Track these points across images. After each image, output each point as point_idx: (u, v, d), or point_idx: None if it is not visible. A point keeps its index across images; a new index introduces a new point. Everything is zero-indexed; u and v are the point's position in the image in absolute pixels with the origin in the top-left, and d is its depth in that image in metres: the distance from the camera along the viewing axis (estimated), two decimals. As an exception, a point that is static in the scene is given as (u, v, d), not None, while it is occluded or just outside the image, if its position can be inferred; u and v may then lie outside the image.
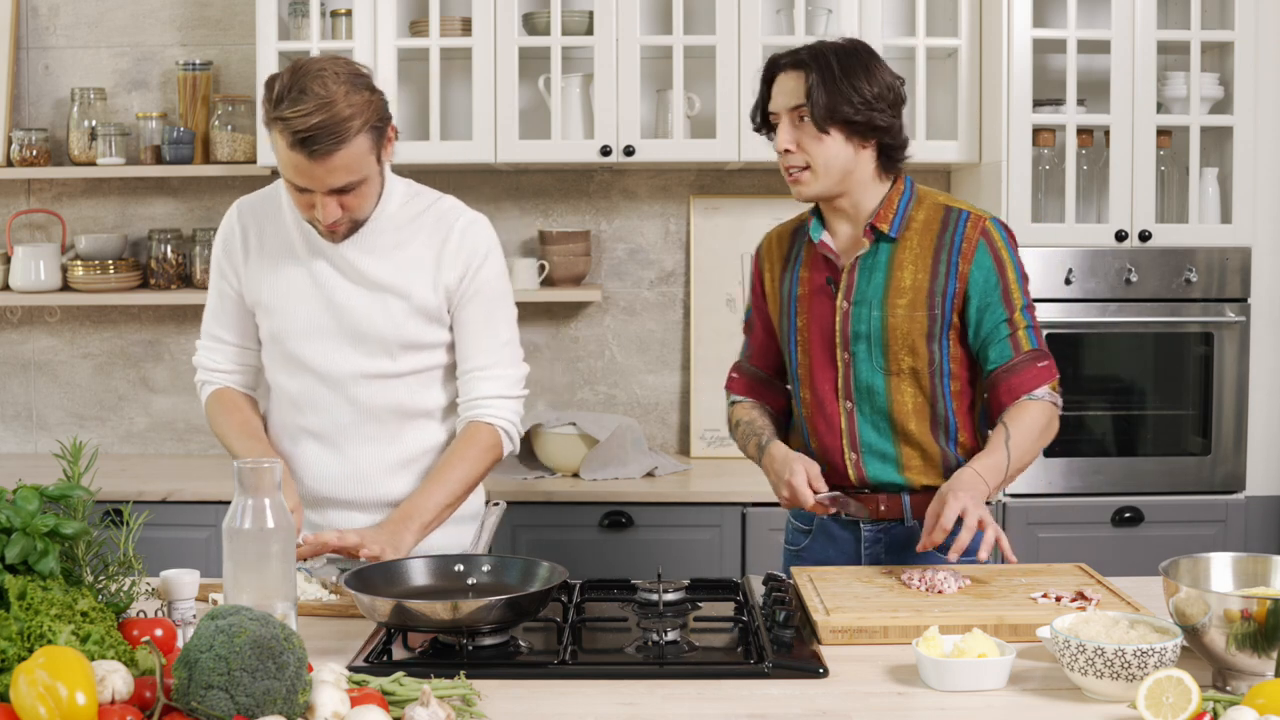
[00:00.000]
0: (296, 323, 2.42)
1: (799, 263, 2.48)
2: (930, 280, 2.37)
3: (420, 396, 2.46)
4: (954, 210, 2.41)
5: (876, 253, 2.40)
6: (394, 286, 2.39)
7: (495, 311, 2.46)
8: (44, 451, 4.08)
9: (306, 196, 2.28)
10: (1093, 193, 3.71)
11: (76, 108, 3.89)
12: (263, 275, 2.44)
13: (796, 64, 2.36)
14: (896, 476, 2.42)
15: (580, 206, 4.05)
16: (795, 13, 3.68)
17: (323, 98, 2.18)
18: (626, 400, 4.07)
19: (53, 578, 1.72)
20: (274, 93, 2.21)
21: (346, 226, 2.35)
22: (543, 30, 3.71)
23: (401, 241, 2.41)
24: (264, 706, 1.51)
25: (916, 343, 2.38)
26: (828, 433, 2.43)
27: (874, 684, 1.83)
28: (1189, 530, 3.60)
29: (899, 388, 2.39)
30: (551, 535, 3.54)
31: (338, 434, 2.44)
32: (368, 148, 2.26)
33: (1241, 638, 1.71)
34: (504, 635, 1.97)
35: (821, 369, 2.43)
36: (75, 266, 3.85)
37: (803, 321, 2.45)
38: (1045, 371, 2.36)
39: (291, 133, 2.18)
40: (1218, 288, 3.61)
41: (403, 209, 2.43)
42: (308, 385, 2.44)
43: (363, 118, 2.22)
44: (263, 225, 2.46)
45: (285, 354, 2.45)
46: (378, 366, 2.42)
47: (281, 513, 1.88)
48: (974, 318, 2.38)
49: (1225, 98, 3.66)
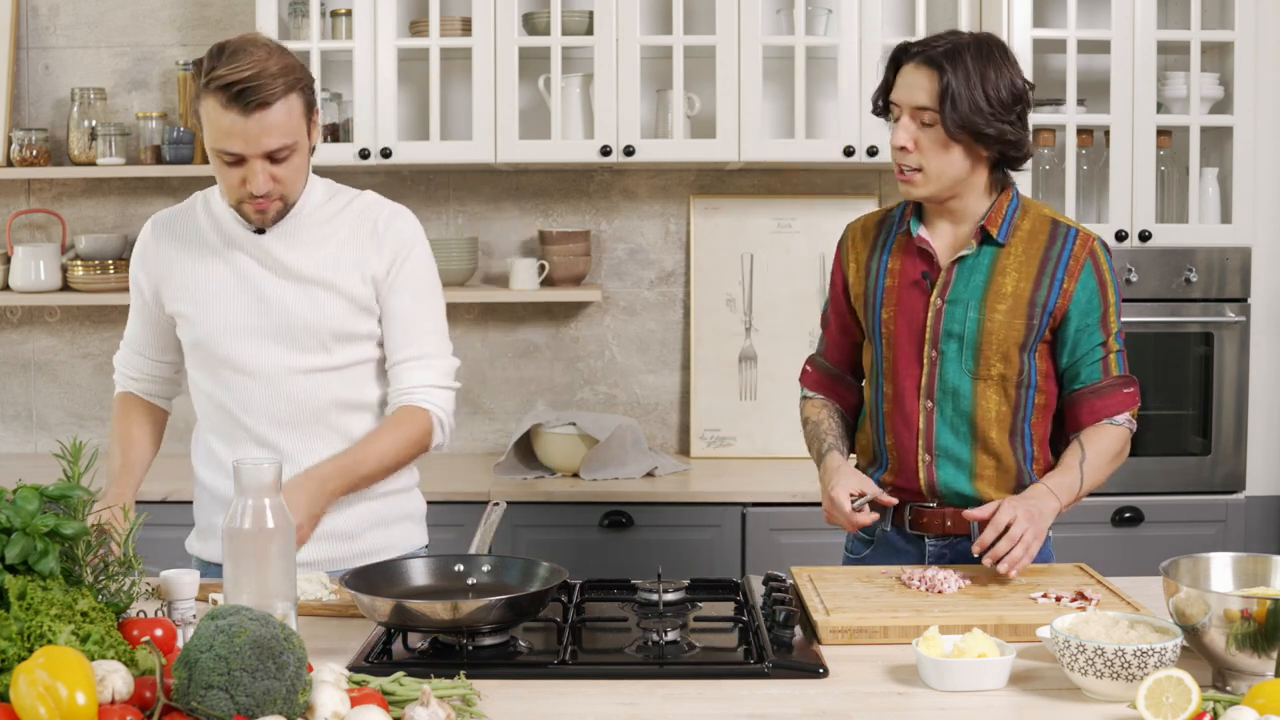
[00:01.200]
0: (223, 324, 2.39)
1: (887, 252, 2.43)
2: (1032, 290, 2.34)
3: (358, 389, 2.43)
4: (1061, 225, 2.38)
5: (979, 255, 2.36)
6: (322, 279, 2.38)
7: (423, 301, 2.44)
8: (44, 451, 4.08)
9: (238, 171, 2.27)
10: (1093, 193, 3.71)
11: (76, 108, 3.89)
12: (182, 283, 2.41)
13: (930, 61, 2.27)
14: (968, 485, 2.38)
15: (580, 206, 4.05)
16: (795, 13, 3.68)
17: (254, 56, 2.22)
18: (626, 400, 4.07)
19: (53, 578, 1.72)
20: (205, 65, 2.24)
21: (277, 205, 2.33)
22: (543, 30, 3.71)
23: (326, 235, 2.40)
24: (264, 706, 1.51)
25: (1010, 350, 2.34)
26: (905, 431, 2.40)
27: (874, 684, 1.83)
28: (1189, 530, 3.60)
29: (984, 393, 2.36)
30: (551, 535, 3.54)
31: (276, 434, 2.40)
32: (300, 110, 2.27)
33: (1241, 638, 1.71)
34: (504, 635, 1.97)
35: (906, 365, 2.39)
36: (75, 266, 3.85)
37: (889, 314, 2.41)
38: (1130, 398, 2.38)
39: (225, 88, 2.19)
40: (1218, 288, 3.61)
41: (325, 204, 2.43)
42: (240, 387, 2.40)
43: (294, 76, 2.25)
44: (178, 234, 2.44)
45: (214, 358, 2.41)
46: (313, 361, 2.39)
47: (281, 513, 1.88)
48: (1071, 337, 2.36)
49: (1225, 98, 3.66)
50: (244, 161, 2.26)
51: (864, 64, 3.64)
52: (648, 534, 3.54)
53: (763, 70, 3.65)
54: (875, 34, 3.63)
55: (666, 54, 3.72)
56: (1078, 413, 2.38)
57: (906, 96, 2.30)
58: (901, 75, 2.32)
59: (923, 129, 2.29)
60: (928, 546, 2.41)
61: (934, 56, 2.27)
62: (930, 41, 2.30)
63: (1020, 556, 2.16)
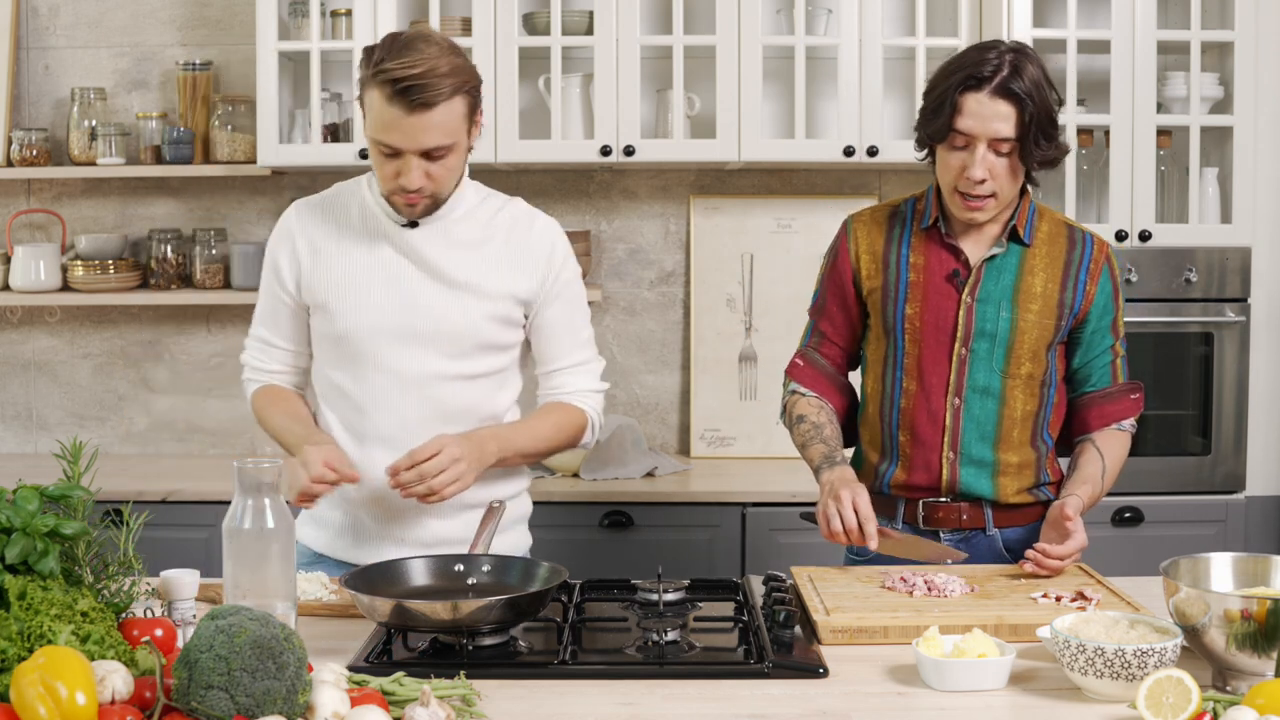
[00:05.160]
0: (370, 322, 2.36)
1: (907, 246, 2.42)
2: (1060, 291, 2.37)
3: (491, 397, 2.43)
4: (1077, 229, 2.43)
5: (1008, 255, 2.38)
6: (473, 286, 2.36)
7: (577, 310, 2.48)
8: (44, 451, 4.08)
9: (393, 164, 2.26)
10: (1093, 192, 3.71)
11: (76, 108, 3.89)
12: (328, 275, 2.38)
13: (1008, 93, 2.24)
14: (988, 485, 2.39)
15: (580, 206, 4.05)
16: (795, 13, 3.68)
17: (426, 53, 2.20)
18: (626, 400, 4.07)
19: (53, 578, 1.72)
20: (375, 54, 2.23)
21: (427, 202, 2.32)
22: (543, 30, 3.71)
23: (479, 241, 2.39)
24: (264, 706, 1.51)
25: (1039, 350, 2.37)
26: (929, 428, 2.40)
27: (874, 684, 1.83)
28: (1189, 530, 3.60)
29: (1013, 392, 2.38)
30: (551, 535, 3.53)
31: (407, 436, 2.34)
32: (463, 112, 2.25)
33: (1241, 638, 1.71)
34: (504, 635, 1.97)
35: (934, 362, 2.39)
36: (75, 266, 3.85)
37: (913, 310, 2.39)
38: (1136, 404, 2.45)
39: (392, 82, 2.18)
40: (1218, 288, 3.61)
41: (478, 208, 2.41)
42: (378, 386, 2.37)
43: (461, 78, 2.23)
44: (325, 219, 2.41)
45: (351, 354, 2.38)
46: (456, 368, 2.38)
47: (281, 513, 1.88)
48: (1086, 339, 2.41)
49: (1225, 98, 3.66)
50: (400, 155, 2.25)
51: (864, 64, 3.64)
52: (648, 534, 3.54)
53: (763, 70, 3.65)
54: (875, 34, 3.63)
55: (666, 54, 3.72)
56: (1087, 416, 2.43)
57: (982, 128, 2.26)
58: (971, 104, 2.26)
59: (998, 158, 2.28)
60: (942, 539, 2.42)
61: (1011, 90, 2.24)
62: (1004, 72, 2.25)
63: (1066, 556, 2.21)
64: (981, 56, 2.28)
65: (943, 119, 2.28)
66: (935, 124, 2.30)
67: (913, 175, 3.93)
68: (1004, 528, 2.43)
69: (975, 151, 2.28)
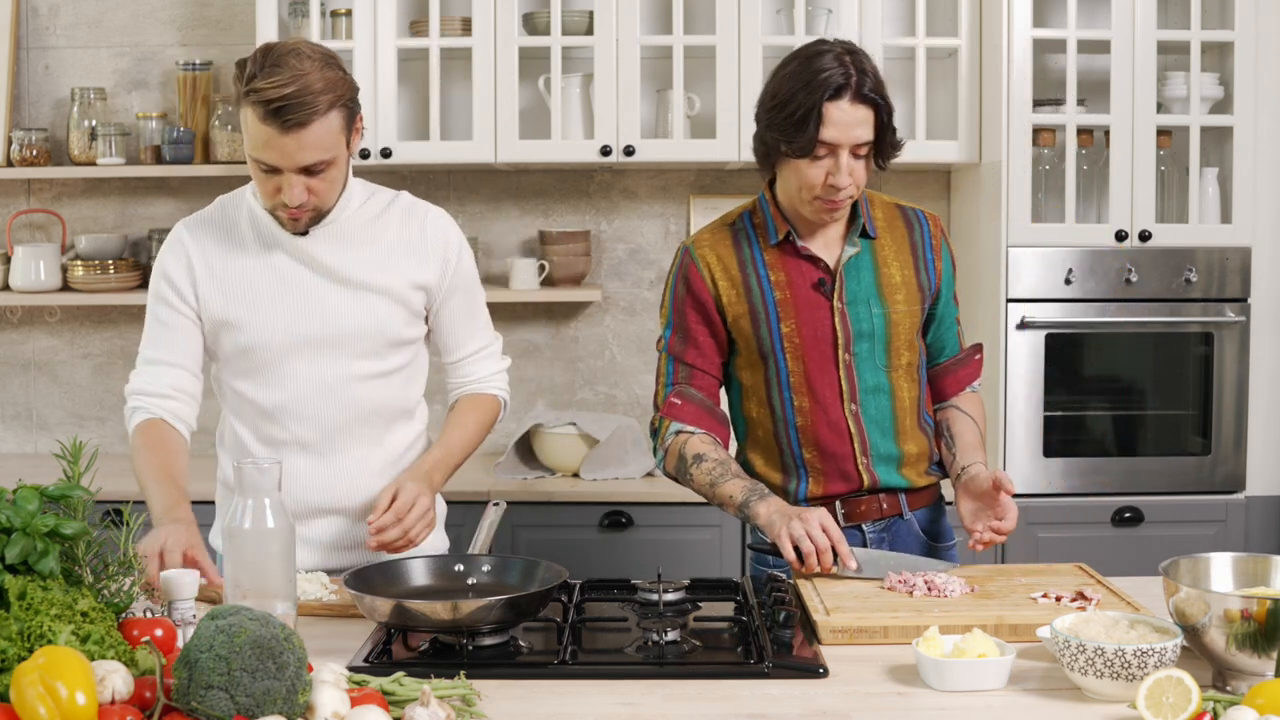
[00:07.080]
0: (274, 332, 2.35)
1: (763, 265, 2.39)
2: (915, 275, 2.42)
3: (403, 392, 2.46)
4: (908, 208, 2.48)
5: (861, 252, 2.40)
6: (374, 284, 2.37)
7: (475, 298, 2.51)
8: (44, 451, 4.08)
9: (273, 180, 2.25)
10: (1093, 193, 3.71)
11: (76, 108, 3.89)
12: (227, 290, 2.37)
13: (864, 98, 2.25)
14: (899, 477, 2.43)
15: (580, 206, 4.05)
16: (795, 13, 3.68)
17: (298, 70, 2.17)
18: (626, 400, 4.07)
19: (53, 578, 1.72)
20: (247, 70, 2.20)
21: (309, 215, 2.32)
22: (543, 30, 3.72)
23: (371, 238, 2.39)
24: (264, 706, 1.51)
25: (912, 337, 2.43)
26: (834, 440, 2.40)
27: (874, 684, 1.83)
28: (1189, 530, 3.60)
29: (899, 384, 2.42)
30: (551, 535, 3.54)
31: (323, 441, 2.39)
32: (339, 126, 2.24)
33: (1241, 638, 1.71)
34: (504, 635, 1.97)
35: (821, 374, 2.39)
36: (75, 266, 3.85)
37: (789, 327, 2.37)
38: (980, 364, 2.55)
39: (264, 103, 2.16)
40: (1218, 288, 3.61)
41: (365, 205, 2.42)
42: (290, 394, 2.37)
43: (336, 93, 2.21)
44: (217, 235, 2.40)
45: (259, 365, 2.38)
46: (367, 368, 2.39)
47: (281, 513, 1.88)
48: (940, 313, 2.48)
49: (1225, 98, 3.66)
50: (280, 172, 2.24)
51: (864, 64, 3.64)
52: (648, 534, 3.54)
53: (763, 70, 3.64)
54: (875, 34, 3.63)
55: (666, 54, 3.72)
56: (944, 384, 2.52)
57: (847, 136, 2.24)
58: (834, 113, 2.23)
59: (856, 160, 2.28)
60: (868, 534, 2.44)
61: (865, 94, 2.24)
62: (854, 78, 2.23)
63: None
64: (825, 64, 2.24)
65: (809, 133, 2.24)
66: (801, 138, 2.25)
67: (913, 175, 3.93)
68: (915, 509, 2.47)
69: (840, 159, 2.26)
